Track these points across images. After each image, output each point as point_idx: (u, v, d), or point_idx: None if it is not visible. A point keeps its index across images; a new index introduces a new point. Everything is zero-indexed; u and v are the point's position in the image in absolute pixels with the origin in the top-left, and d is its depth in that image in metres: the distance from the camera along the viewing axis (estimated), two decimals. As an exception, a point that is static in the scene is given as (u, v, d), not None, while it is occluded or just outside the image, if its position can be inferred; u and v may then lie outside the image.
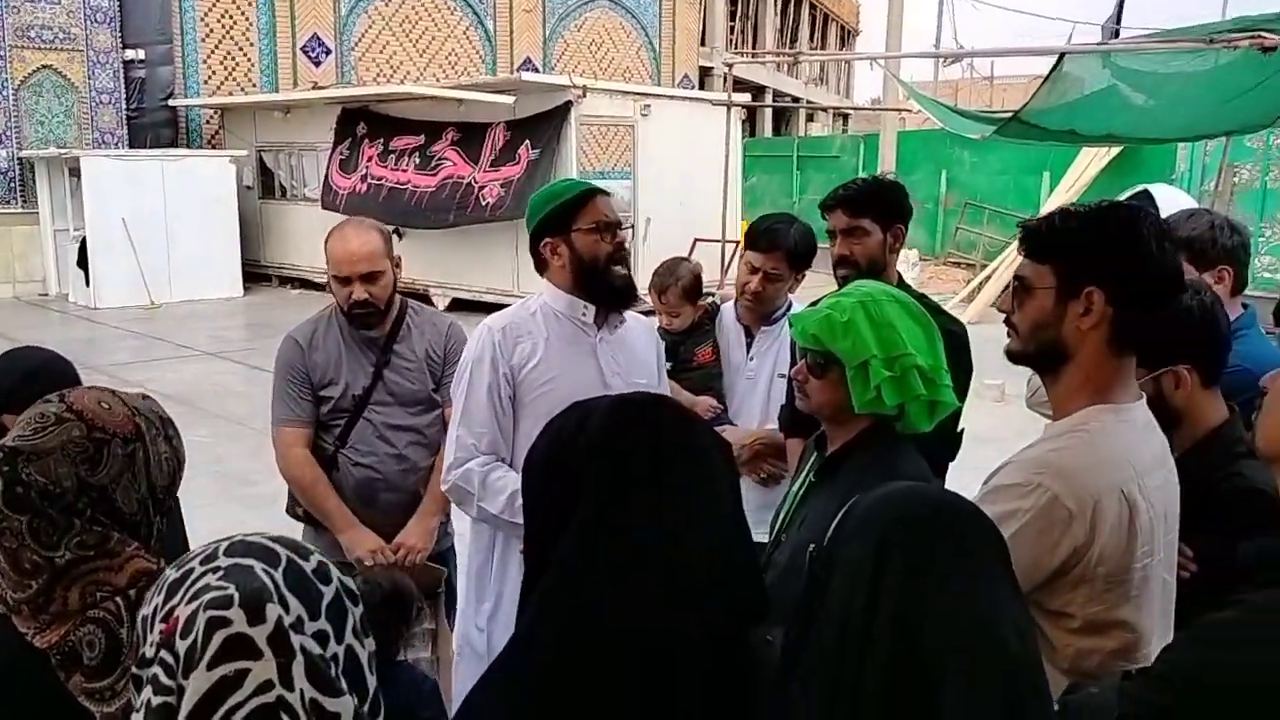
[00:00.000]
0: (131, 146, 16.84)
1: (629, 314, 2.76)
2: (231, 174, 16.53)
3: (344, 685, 1.02)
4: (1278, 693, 1.16)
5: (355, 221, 3.12)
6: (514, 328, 2.62)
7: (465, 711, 1.26)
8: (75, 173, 15.38)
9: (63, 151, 15.64)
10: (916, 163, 18.07)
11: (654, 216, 14.66)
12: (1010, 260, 15.80)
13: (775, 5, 35.06)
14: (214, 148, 18.05)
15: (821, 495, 2.14)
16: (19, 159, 16.31)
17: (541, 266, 2.67)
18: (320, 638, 1.03)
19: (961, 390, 2.45)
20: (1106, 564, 1.58)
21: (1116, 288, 1.63)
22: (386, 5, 20.20)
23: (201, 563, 1.05)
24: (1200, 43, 7.40)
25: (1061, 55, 8.41)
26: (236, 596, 1.00)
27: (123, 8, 16.92)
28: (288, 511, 3.20)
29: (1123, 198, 3.25)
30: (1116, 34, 15.38)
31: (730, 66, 11.93)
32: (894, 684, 1.01)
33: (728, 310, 3.45)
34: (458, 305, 13.92)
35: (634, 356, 2.69)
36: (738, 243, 13.77)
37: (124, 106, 17.18)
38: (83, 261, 15.38)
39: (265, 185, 18.10)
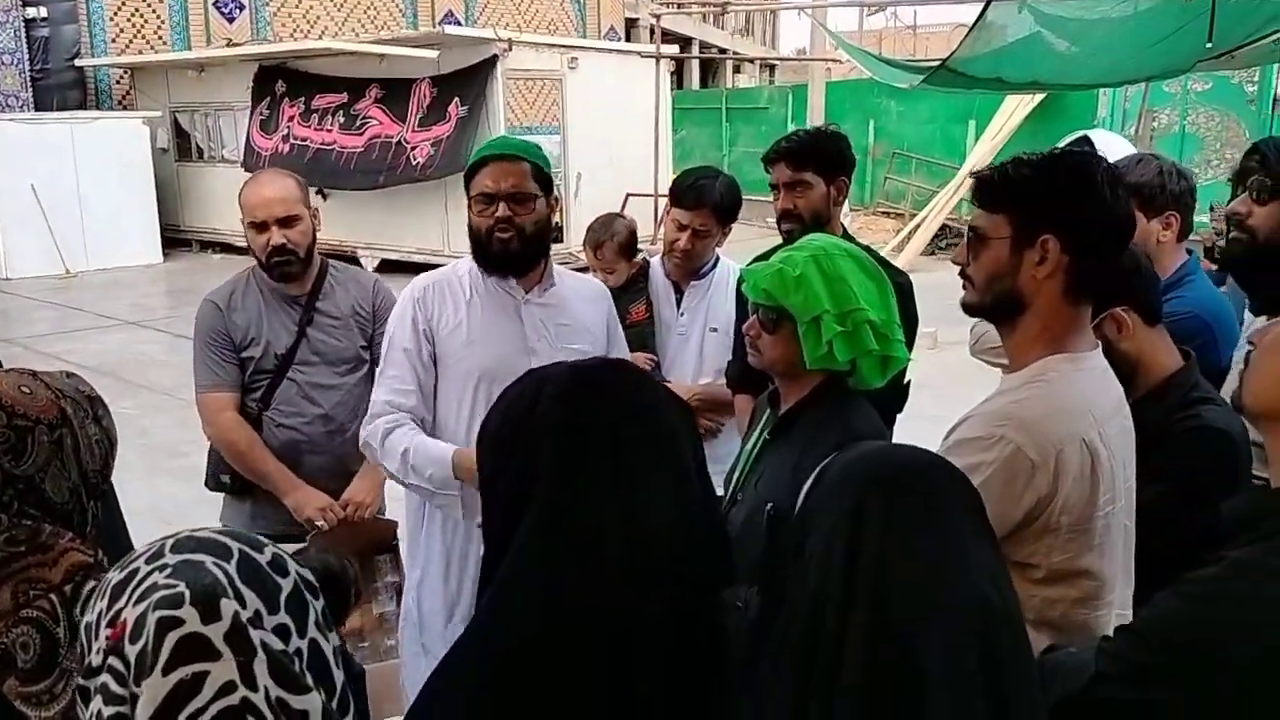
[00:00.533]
0: (37, 109, 16.18)
1: (579, 277, 2.70)
2: (145, 136, 15.94)
3: (310, 681, 0.96)
4: (1257, 649, 1.16)
5: (270, 170, 3.06)
6: (438, 287, 2.56)
7: (424, 698, 1.22)
8: (-22, 138, 14.72)
9: (-36, 116, 14.97)
10: (845, 113, 18.07)
11: (584, 172, 14.53)
12: (940, 208, 15.99)
13: (700, -45, 34.73)
14: (125, 109, 17.38)
15: (777, 452, 2.12)
16: (-83, 124, 15.59)
17: None
18: (281, 632, 0.96)
19: (909, 341, 2.45)
20: (1070, 513, 1.58)
21: (1072, 235, 1.62)
22: (301, -42, 19.59)
23: (147, 561, 0.98)
24: (1123, -12, 7.46)
25: (987, 3, 8.45)
26: (187, 594, 0.93)
27: (21, -37, 16.19)
28: (207, 484, 3.10)
29: (1062, 144, 3.25)
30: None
31: (658, 18, 11.79)
32: (874, 649, 0.99)
33: (656, 266, 3.44)
34: (387, 266, 13.68)
35: (569, 321, 2.60)
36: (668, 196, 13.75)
37: (28, 68, 16.48)
38: (-9, 230, 14.79)
39: (181, 147, 17.51)
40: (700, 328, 3.31)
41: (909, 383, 2.67)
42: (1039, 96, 15.09)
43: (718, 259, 3.36)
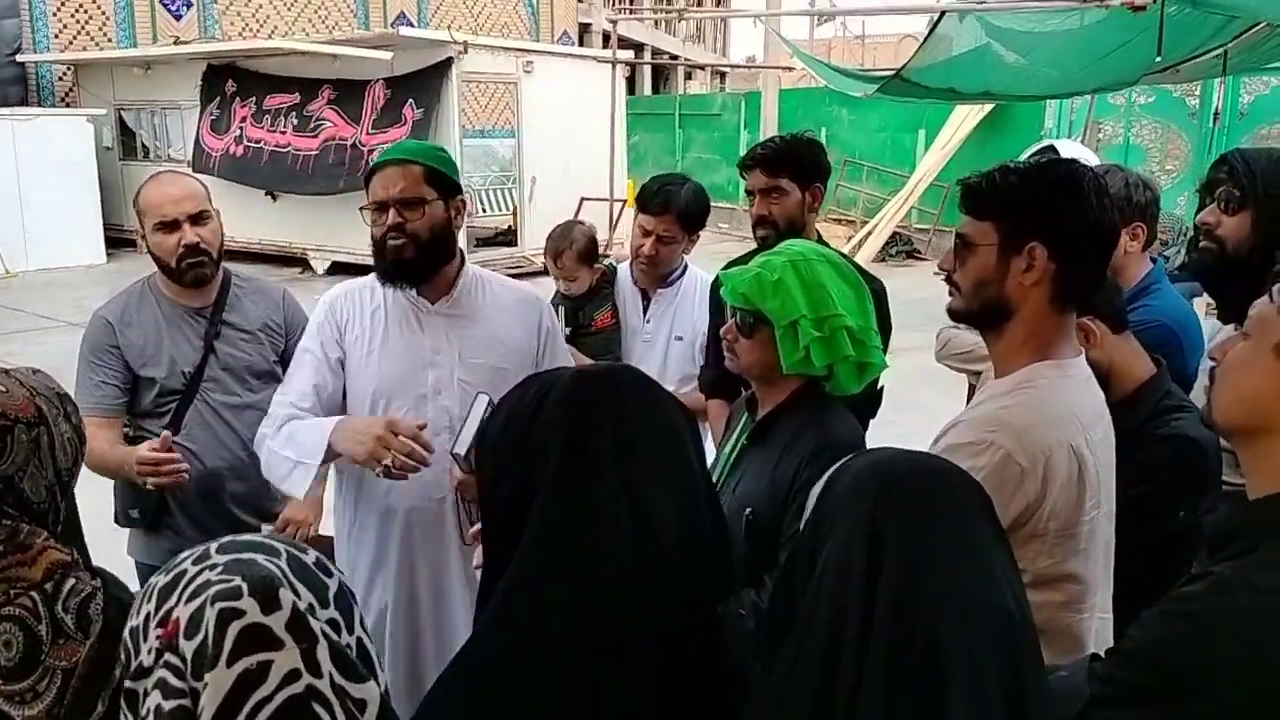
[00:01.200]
0: (-24, 105, 15.78)
1: (511, 285, 2.59)
2: (90, 134, 15.62)
3: (365, 671, 0.97)
4: (1249, 667, 1.17)
5: (166, 171, 2.89)
6: (350, 296, 2.47)
7: (429, 703, 1.21)
8: (-86, 134, 14.33)
9: (-101, 111, 14.55)
10: (797, 121, 18.20)
11: (539, 176, 14.49)
12: (890, 215, 16.17)
13: (652, -39, 34.83)
14: (69, 106, 17.02)
15: (755, 458, 2.12)
16: None
17: None
18: (333, 626, 0.97)
19: (884, 347, 2.47)
20: (1057, 518, 1.60)
21: (1059, 243, 1.64)
22: (251, -44, 19.32)
23: (194, 563, 0.98)
24: (1075, 1, 7.61)
25: (941, 14, 8.57)
26: (245, 586, 0.94)
27: (-40, -45, 15.79)
28: (116, 520, 2.81)
29: (1025, 155, 3.30)
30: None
31: (614, 23, 11.80)
32: (898, 660, 0.99)
33: (624, 273, 3.44)
34: (338, 269, 13.52)
35: (479, 333, 2.45)
36: (624, 201, 13.75)
37: (-34, 62, 16.07)
38: (-73, 229, 14.40)
39: (127, 146, 17.17)
40: (666, 336, 3.30)
41: (882, 388, 2.69)
42: (988, 107, 15.32)
43: (686, 267, 3.35)
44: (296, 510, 2.78)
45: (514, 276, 2.84)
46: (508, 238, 15.30)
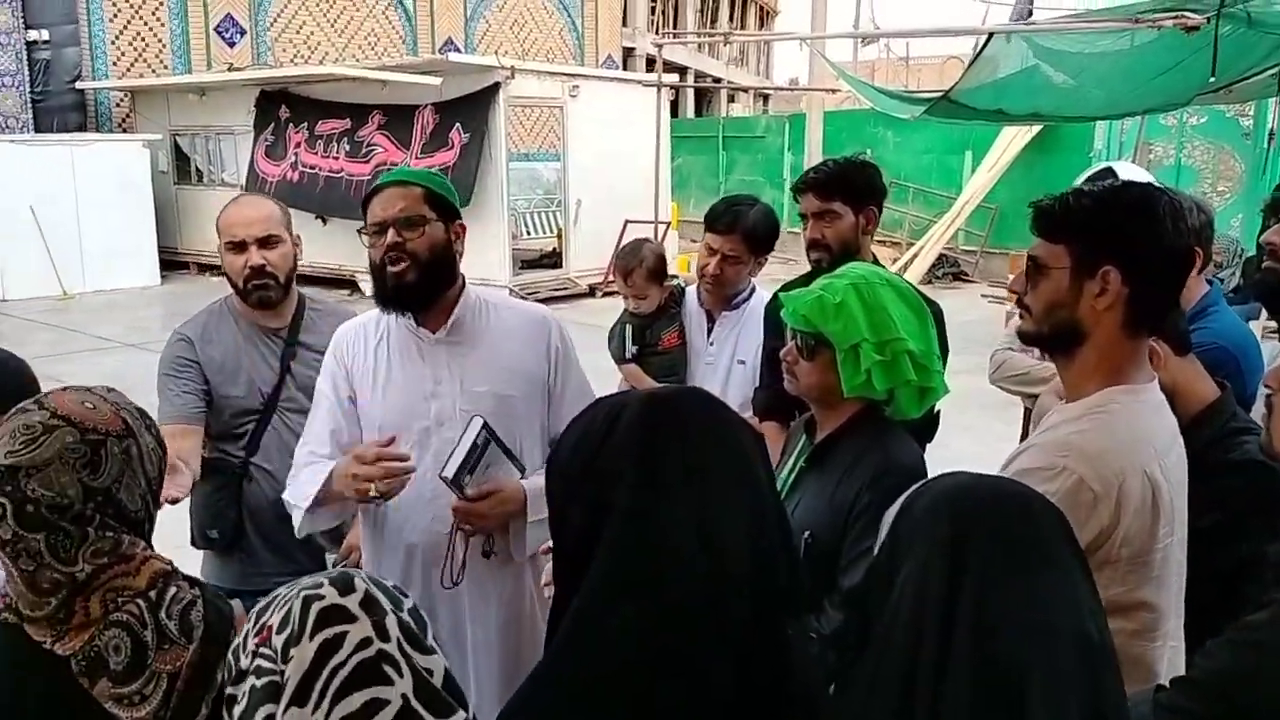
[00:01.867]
0: (37, 131, 16.21)
1: (520, 307, 2.51)
2: (145, 158, 15.96)
3: (430, 645, 1.08)
4: None
5: (250, 195, 2.92)
6: (355, 331, 2.42)
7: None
8: (-22, 159, 14.71)
9: (-36, 137, 14.97)
10: (842, 143, 18.17)
11: (584, 198, 14.58)
12: (937, 237, 16.06)
13: (696, -15, 35.05)
14: (125, 131, 17.42)
15: (813, 481, 2.12)
16: (-84, 144, 15.58)
17: None
18: (405, 629, 1.08)
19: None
20: (1131, 545, 1.58)
21: (1133, 266, 1.62)
22: (303, -16, 19.70)
23: (287, 587, 1.08)
24: (1126, 22, 7.55)
25: (989, 36, 8.54)
26: (326, 580, 1.08)
27: (24, -13, 16.25)
28: (194, 543, 2.82)
29: (1083, 177, 3.27)
30: (1029, 14, 15.67)
31: (660, 47, 11.86)
32: (978, 683, 0.98)
33: (692, 294, 3.43)
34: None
35: (486, 360, 2.36)
36: (668, 224, 13.78)
37: (28, 90, 16.51)
38: (-12, 251, 14.75)
39: (181, 170, 17.54)
40: (728, 358, 3.27)
41: (938, 412, 2.67)
42: (1036, 128, 15.21)
43: (753, 290, 3.31)
44: (358, 537, 2.73)
45: (559, 299, 2.85)
46: (552, 260, 15.41)
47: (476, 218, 12.31)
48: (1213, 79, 6.99)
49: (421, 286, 2.26)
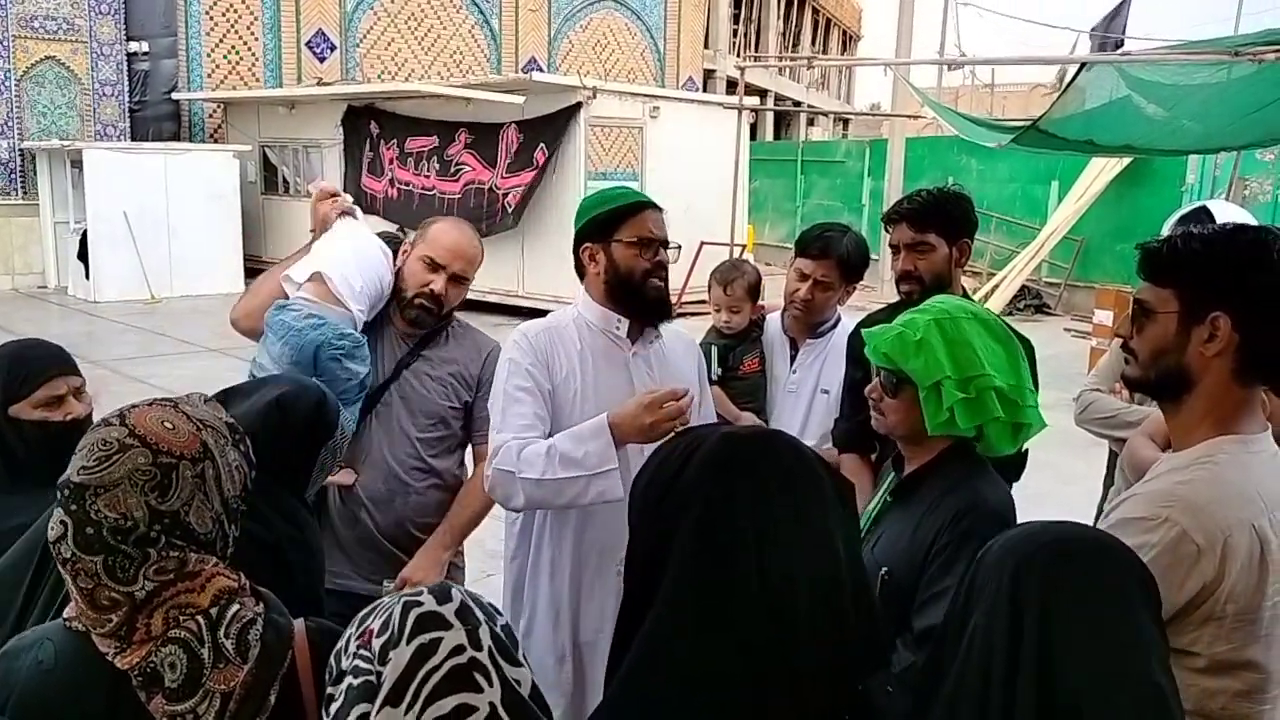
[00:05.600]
0: (133, 139, 16.78)
1: (669, 328, 2.64)
2: (235, 169, 16.46)
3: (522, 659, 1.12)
4: None
5: (465, 224, 2.95)
6: (548, 335, 2.50)
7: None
8: (77, 165, 15.29)
9: (64, 143, 15.53)
10: (924, 170, 18.01)
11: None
12: (1020, 268, 15.77)
13: (778, 9, 35.04)
14: (216, 142, 17.98)
15: (896, 517, 2.07)
16: (20, 150, 16.24)
17: (581, 271, 2.57)
18: (497, 640, 1.11)
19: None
20: (1236, 602, 1.51)
21: (1245, 313, 1.55)
22: (392, 2, 20.12)
23: (390, 598, 1.14)
24: (1225, 55, 7.35)
25: (1082, 66, 8.38)
26: (425, 588, 1.13)
27: (127, 0, 16.84)
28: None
29: (1176, 216, 3.16)
30: (1120, 44, 15.38)
31: (742, 70, 11.87)
32: None
33: (774, 321, 3.39)
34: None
35: (671, 371, 2.55)
36: (744, 246, 13.74)
37: (127, 99, 17.13)
38: (83, 254, 15.30)
39: (269, 181, 18.03)
40: (811, 388, 3.22)
41: (1026, 451, 2.59)
42: (1126, 160, 14.88)
43: (839, 320, 3.26)
44: (419, 571, 2.73)
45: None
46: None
47: (555, 236, 12.41)
48: (1316, 114, 6.75)
49: (669, 304, 2.56)
